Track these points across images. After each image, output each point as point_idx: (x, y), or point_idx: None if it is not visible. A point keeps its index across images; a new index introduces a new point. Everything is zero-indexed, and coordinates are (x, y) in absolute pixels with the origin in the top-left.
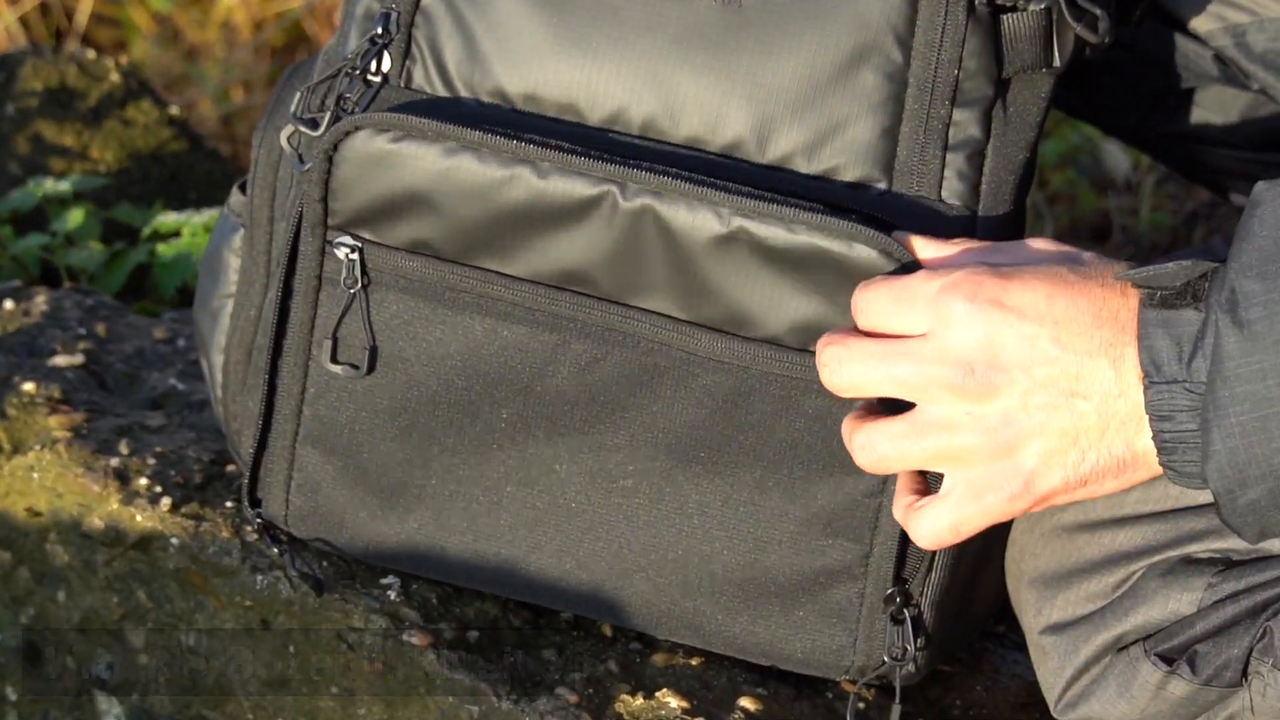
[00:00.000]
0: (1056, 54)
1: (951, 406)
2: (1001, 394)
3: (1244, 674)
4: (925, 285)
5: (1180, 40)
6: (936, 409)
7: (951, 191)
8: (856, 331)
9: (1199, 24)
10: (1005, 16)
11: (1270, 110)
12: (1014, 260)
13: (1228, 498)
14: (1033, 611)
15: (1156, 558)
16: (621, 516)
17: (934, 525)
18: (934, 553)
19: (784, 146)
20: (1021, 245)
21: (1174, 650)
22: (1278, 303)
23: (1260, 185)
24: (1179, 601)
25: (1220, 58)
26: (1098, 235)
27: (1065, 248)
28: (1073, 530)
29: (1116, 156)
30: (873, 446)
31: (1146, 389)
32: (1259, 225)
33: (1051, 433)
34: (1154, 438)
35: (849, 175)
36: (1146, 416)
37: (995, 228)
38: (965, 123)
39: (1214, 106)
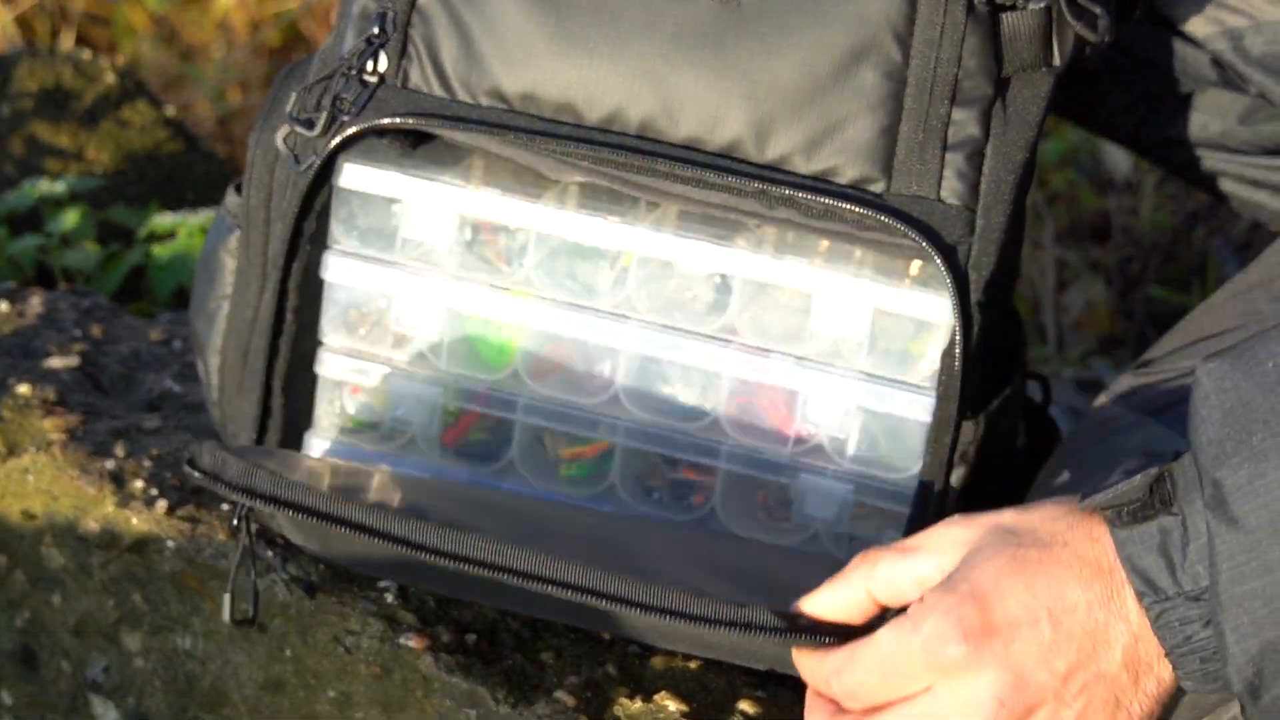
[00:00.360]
0: (1056, 53)
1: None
2: (1039, 709)
3: None
4: (906, 647)
5: (1177, 44)
6: None
7: (951, 191)
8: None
9: (1196, 28)
10: (1005, 15)
11: (1268, 114)
12: (967, 565)
13: (1251, 696)
14: None
15: None
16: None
17: None
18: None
19: (783, 146)
20: (952, 536)
21: None
22: (1265, 491)
23: (1198, 373)
24: None
25: (1218, 61)
26: (1098, 235)
27: (1000, 518)
28: None
29: (1116, 156)
30: None
31: (1148, 610)
32: (1217, 409)
33: (1096, 711)
34: (1168, 655)
35: (848, 175)
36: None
37: (995, 227)
38: (965, 122)
39: (1211, 110)
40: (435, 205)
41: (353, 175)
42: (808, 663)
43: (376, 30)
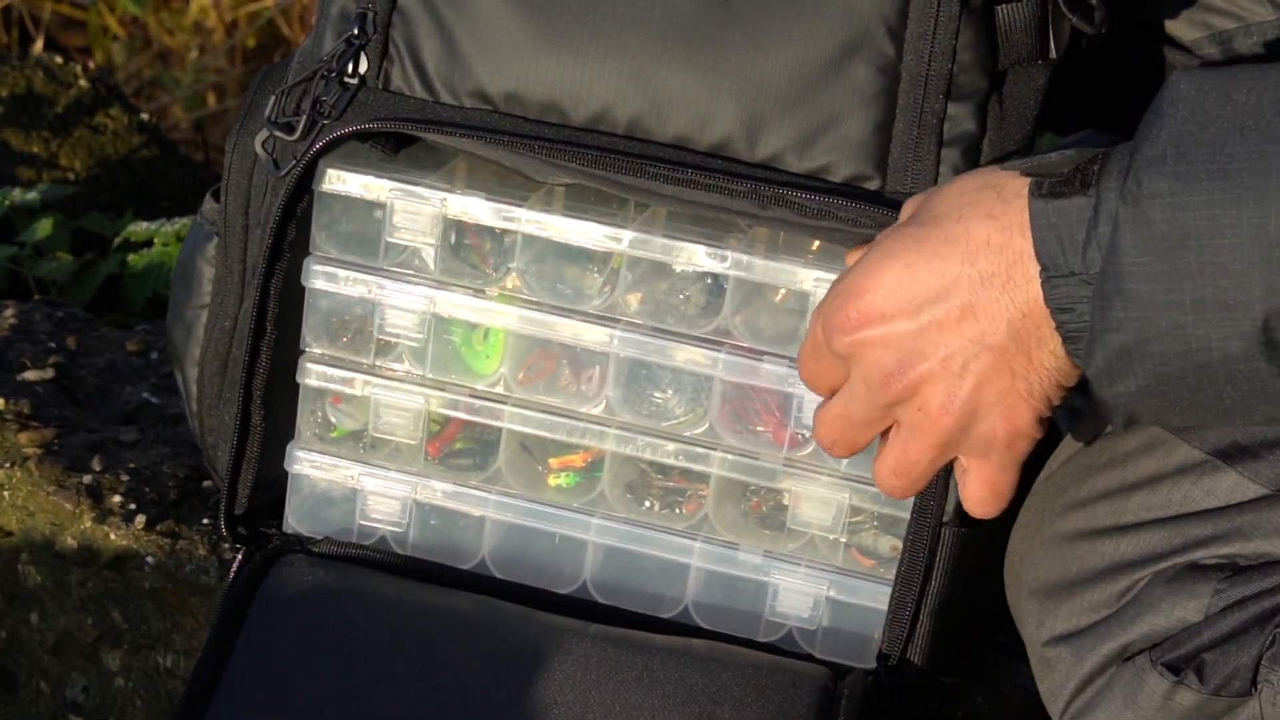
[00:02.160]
0: (1053, 45)
1: (906, 411)
2: (926, 383)
3: (1253, 683)
4: (812, 339)
5: (1166, 51)
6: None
7: None
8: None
9: (1184, 33)
10: (1000, 7)
11: None
12: (865, 252)
13: (1099, 383)
14: (1034, 623)
15: (1161, 565)
16: None
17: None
18: (934, 561)
19: (774, 144)
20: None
21: (1181, 659)
22: (1183, 207)
23: (1177, 75)
24: (1185, 609)
25: (1207, 66)
26: None
27: (926, 194)
28: (1074, 539)
29: None
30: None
31: (1044, 284)
32: (1173, 119)
33: (990, 383)
34: (1058, 329)
35: (841, 173)
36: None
37: None
38: (960, 117)
39: None
40: (419, 209)
41: (334, 180)
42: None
43: (356, 31)
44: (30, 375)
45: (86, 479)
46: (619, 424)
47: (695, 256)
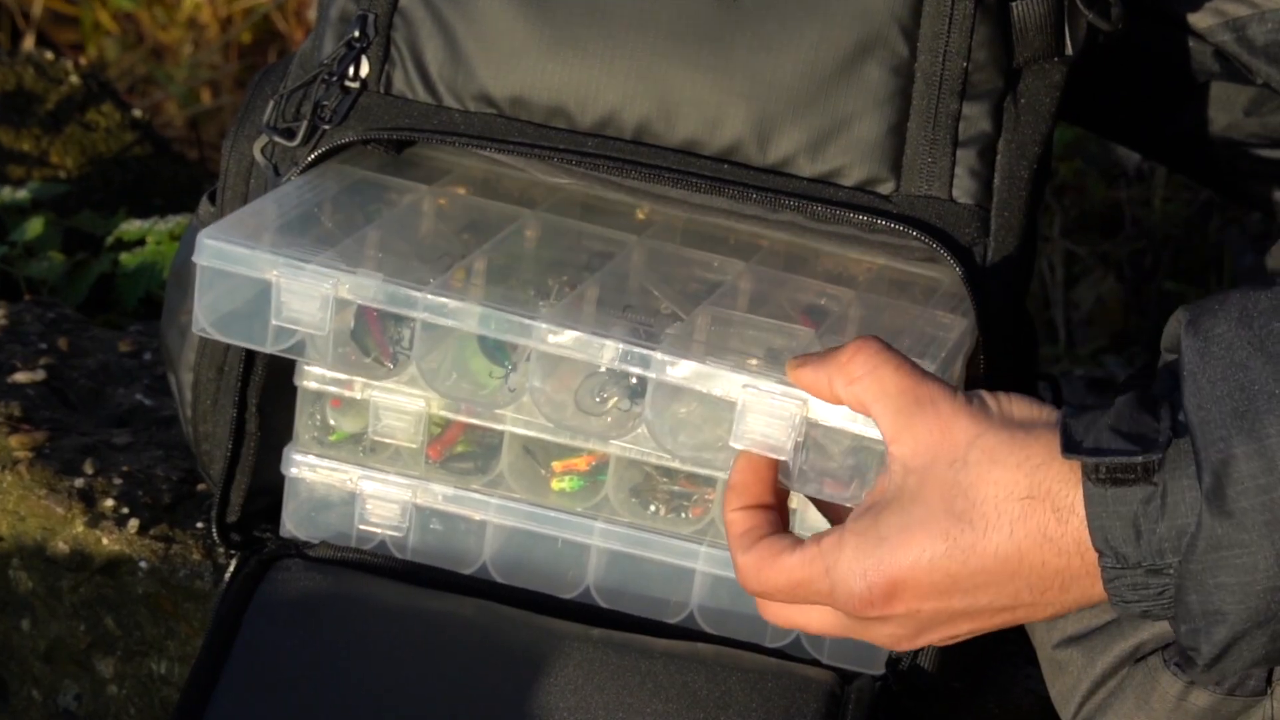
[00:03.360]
0: (1069, 42)
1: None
2: (926, 637)
3: (1269, 681)
4: (816, 584)
5: (1179, 38)
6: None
7: (963, 190)
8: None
9: (1198, 20)
10: (1014, 4)
11: (1275, 104)
12: (899, 515)
13: (1206, 669)
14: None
15: None
16: None
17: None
18: None
19: (786, 147)
20: (912, 436)
21: None
22: (1272, 488)
23: (1191, 321)
24: None
25: (1221, 53)
26: (1108, 228)
27: (963, 449)
28: None
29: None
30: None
31: (1104, 574)
32: (1218, 382)
33: (985, 629)
34: (1113, 604)
35: (854, 175)
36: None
37: (1010, 226)
38: (975, 117)
39: (1216, 104)
40: (308, 290)
41: (214, 252)
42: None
43: (357, 34)
44: (21, 377)
45: (78, 482)
46: None
47: (614, 358)
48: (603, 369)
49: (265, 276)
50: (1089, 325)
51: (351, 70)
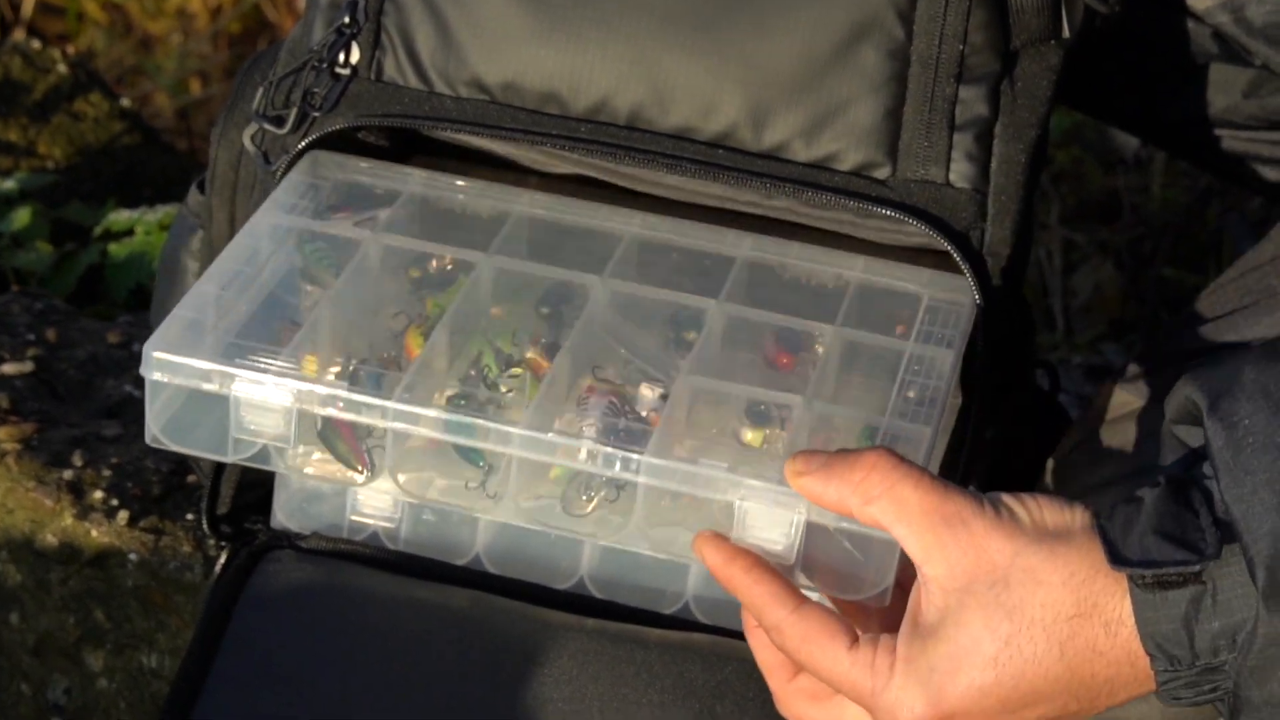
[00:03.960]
0: (1066, 24)
1: None
2: None
3: None
4: (859, 692)
5: (1177, 19)
6: None
7: (960, 175)
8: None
9: (1196, 1)
10: None
11: (1274, 86)
12: (947, 644)
13: None
14: None
15: None
16: None
17: None
18: None
19: (781, 132)
20: (946, 560)
21: None
22: None
23: (1214, 409)
24: None
25: (1219, 35)
26: (1106, 215)
27: (1004, 565)
28: None
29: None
30: None
31: (1157, 677)
32: (1255, 475)
33: None
34: (1162, 699)
35: (850, 160)
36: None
37: (1008, 210)
38: (972, 100)
39: (1215, 86)
40: (266, 401)
41: (163, 366)
42: (754, 590)
43: (347, 20)
44: (9, 369)
45: (67, 475)
46: None
47: (598, 463)
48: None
49: (221, 390)
50: (1087, 313)
51: (342, 57)
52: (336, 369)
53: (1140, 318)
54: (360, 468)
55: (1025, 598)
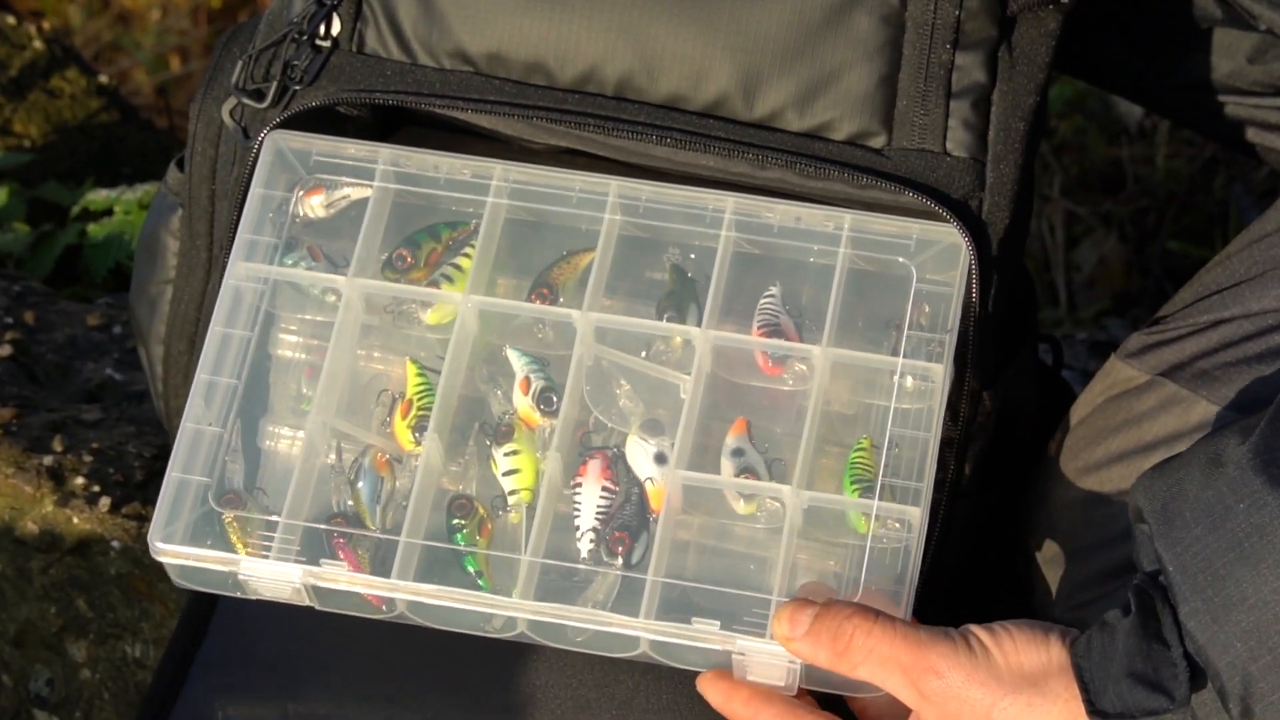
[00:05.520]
0: None
1: None
2: None
3: None
4: None
5: None
6: None
7: (957, 142)
8: None
9: None
10: None
11: (1278, 51)
12: None
13: None
14: (1046, 593)
15: None
16: None
17: None
18: (948, 535)
19: (773, 101)
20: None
21: None
22: None
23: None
24: None
25: None
26: (1109, 186)
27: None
28: (1089, 504)
29: (1128, 101)
30: None
31: None
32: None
33: None
34: None
35: (845, 129)
36: None
37: (1006, 179)
38: (969, 67)
39: (1219, 51)
40: (275, 577)
41: (173, 555)
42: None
43: None
44: None
45: (47, 460)
46: None
47: (598, 621)
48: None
49: (229, 570)
50: (1090, 287)
51: (322, 29)
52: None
53: (1145, 291)
54: (380, 606)
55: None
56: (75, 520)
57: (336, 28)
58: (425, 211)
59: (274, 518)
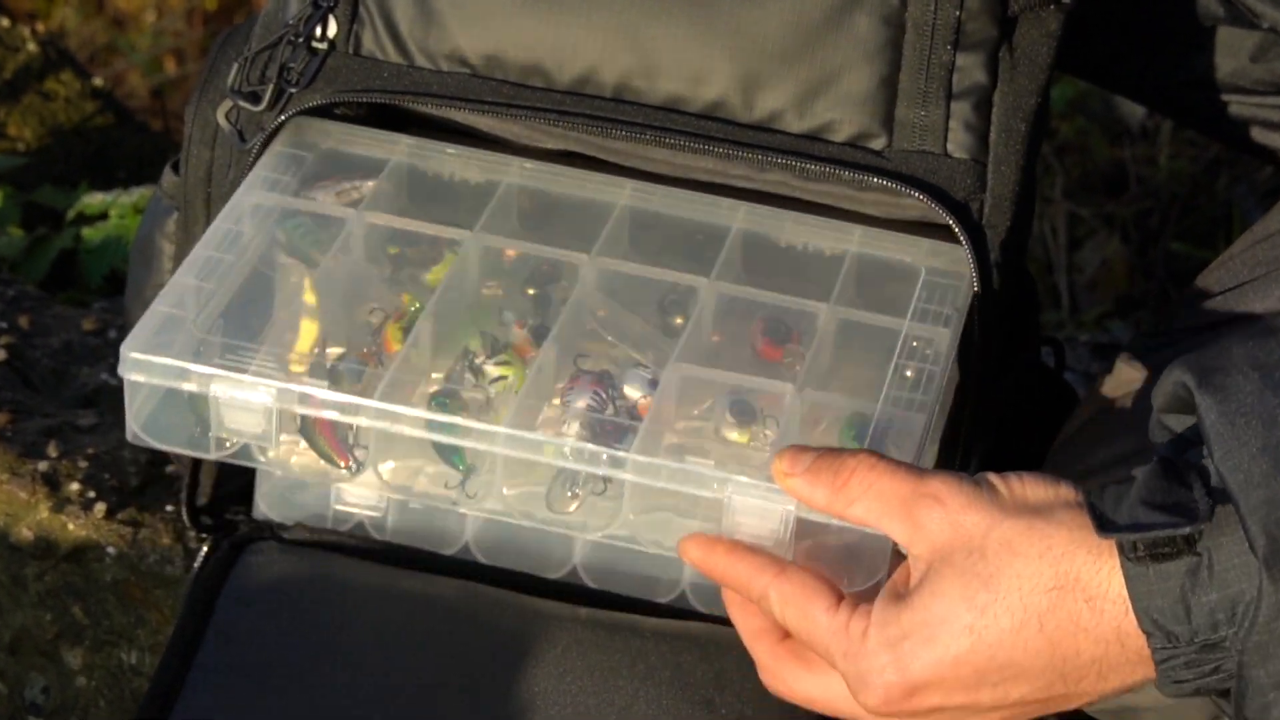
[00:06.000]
0: None
1: None
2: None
3: None
4: (831, 653)
5: None
6: None
7: (958, 144)
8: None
9: None
10: None
11: None
12: (921, 608)
13: None
14: None
15: None
16: None
17: None
18: None
19: (772, 102)
20: (929, 529)
21: None
22: None
23: (1206, 383)
24: None
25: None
26: (1112, 187)
27: (981, 534)
28: None
29: (1130, 101)
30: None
31: (1154, 655)
32: (1246, 442)
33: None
34: (1160, 686)
35: (845, 131)
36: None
37: (1008, 180)
38: (970, 68)
39: (1222, 50)
40: (246, 401)
41: (138, 366)
42: (738, 567)
43: None
44: None
45: (42, 466)
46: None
47: (585, 462)
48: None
49: (200, 390)
50: (1093, 289)
51: (318, 30)
52: (315, 363)
53: (1148, 293)
54: (343, 464)
55: (1001, 568)
56: (70, 526)
57: (333, 30)
58: (443, 188)
59: (252, 345)
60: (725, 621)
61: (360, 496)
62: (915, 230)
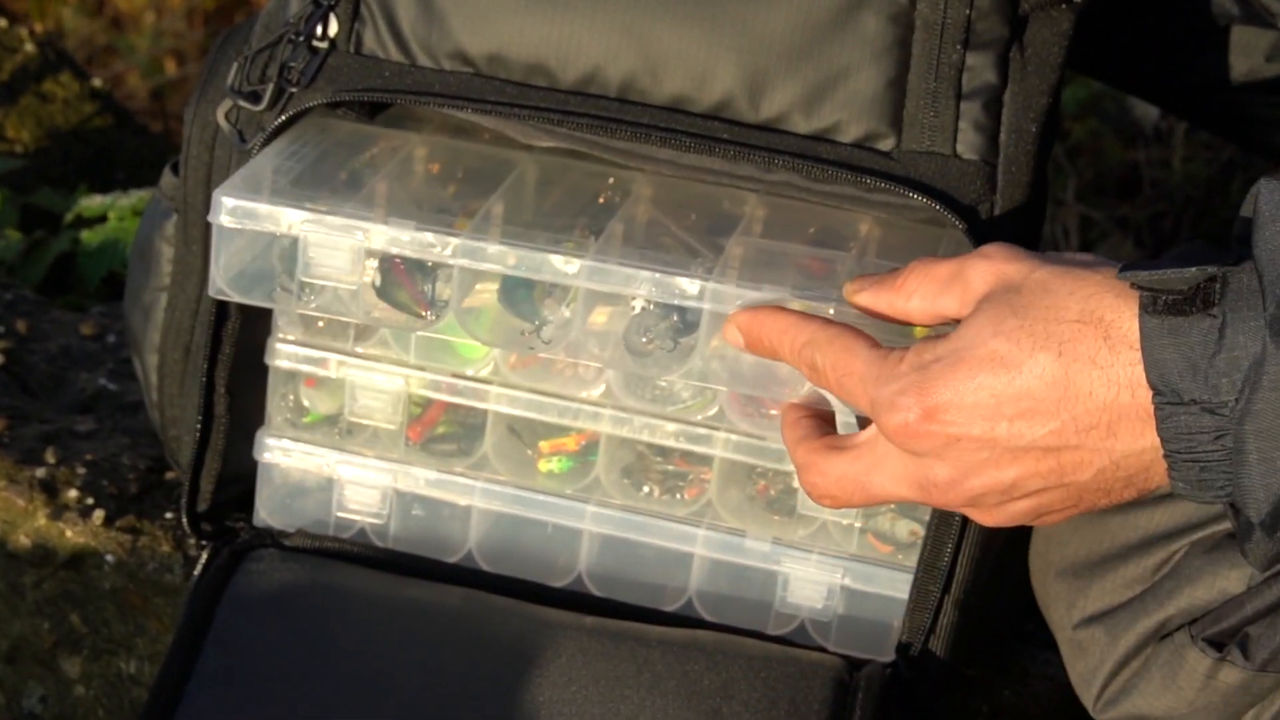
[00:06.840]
0: None
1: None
2: (982, 498)
3: None
4: (865, 387)
5: None
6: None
7: (967, 145)
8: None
9: None
10: None
11: None
12: (958, 340)
13: (1267, 531)
14: (1064, 605)
15: (1200, 534)
16: None
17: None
18: (960, 545)
19: (779, 103)
20: (978, 276)
21: (1224, 634)
22: None
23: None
24: (1227, 579)
25: None
26: (1125, 190)
27: (1022, 273)
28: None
29: (1144, 103)
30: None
31: (1157, 412)
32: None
33: (1052, 506)
34: (1165, 457)
35: (852, 132)
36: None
37: (1018, 183)
38: (980, 67)
39: (1236, 49)
40: (336, 243)
41: (233, 211)
42: (786, 318)
43: None
44: None
45: (40, 472)
46: (615, 404)
47: (659, 288)
48: (648, 306)
49: (291, 232)
50: None
51: (319, 29)
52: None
53: None
54: (424, 312)
55: (1033, 300)
56: (68, 534)
57: (334, 29)
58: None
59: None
60: (733, 630)
61: (362, 503)
62: (926, 224)
